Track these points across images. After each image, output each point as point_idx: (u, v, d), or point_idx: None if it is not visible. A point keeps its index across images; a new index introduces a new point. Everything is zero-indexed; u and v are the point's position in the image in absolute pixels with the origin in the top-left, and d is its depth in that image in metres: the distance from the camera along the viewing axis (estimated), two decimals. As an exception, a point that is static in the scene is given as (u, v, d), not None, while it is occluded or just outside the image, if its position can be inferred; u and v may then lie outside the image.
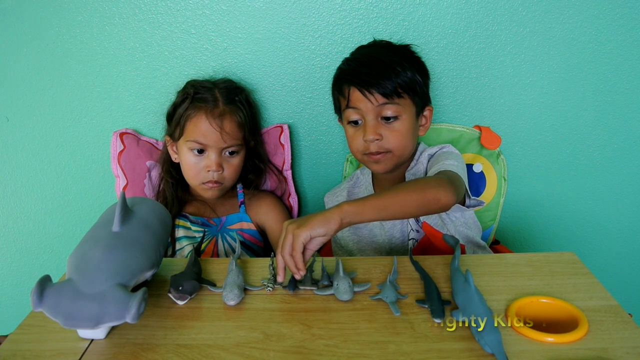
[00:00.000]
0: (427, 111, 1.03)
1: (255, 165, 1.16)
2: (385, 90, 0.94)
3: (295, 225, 0.74)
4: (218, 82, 1.10)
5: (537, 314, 0.69)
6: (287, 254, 0.74)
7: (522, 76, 1.13)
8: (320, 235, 0.74)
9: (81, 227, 1.31)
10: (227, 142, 1.04)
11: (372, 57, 0.99)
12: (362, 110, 0.97)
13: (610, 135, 1.18)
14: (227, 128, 1.04)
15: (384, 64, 0.96)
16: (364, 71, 0.96)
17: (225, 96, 1.06)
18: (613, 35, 1.09)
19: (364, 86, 0.95)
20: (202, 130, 1.03)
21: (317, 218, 0.74)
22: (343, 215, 0.75)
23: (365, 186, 1.11)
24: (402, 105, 0.96)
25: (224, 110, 1.04)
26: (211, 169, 1.04)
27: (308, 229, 0.73)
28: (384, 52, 1.00)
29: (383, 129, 0.97)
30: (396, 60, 0.97)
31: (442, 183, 0.81)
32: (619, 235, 1.30)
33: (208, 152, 1.05)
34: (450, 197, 0.80)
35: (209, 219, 1.14)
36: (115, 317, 0.63)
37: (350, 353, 0.64)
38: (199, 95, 1.06)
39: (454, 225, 1.01)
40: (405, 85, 0.95)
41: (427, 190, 0.79)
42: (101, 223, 0.75)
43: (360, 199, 0.78)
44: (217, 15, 1.10)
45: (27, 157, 1.25)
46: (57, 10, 1.11)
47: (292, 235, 0.74)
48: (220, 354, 0.64)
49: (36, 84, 1.18)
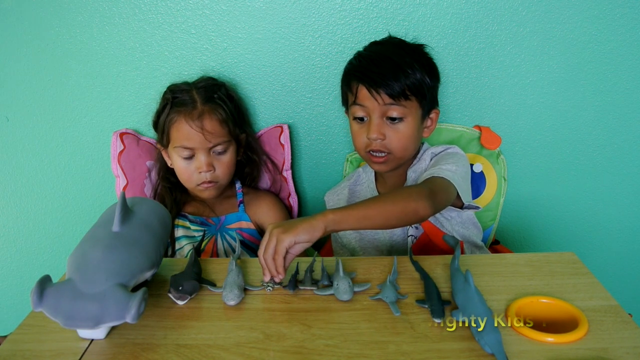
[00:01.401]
0: (434, 114, 1.03)
1: (250, 158, 1.16)
2: (392, 91, 0.94)
3: (280, 229, 0.75)
4: (197, 81, 1.10)
5: (537, 314, 0.69)
6: (270, 257, 0.75)
7: (522, 76, 1.13)
8: (304, 241, 0.75)
9: (81, 227, 1.31)
10: (212, 142, 1.03)
11: (384, 56, 0.98)
12: (368, 108, 0.97)
13: (610, 135, 1.18)
14: (208, 127, 1.03)
15: (394, 64, 0.95)
16: (374, 70, 0.96)
17: (203, 95, 1.05)
18: (613, 35, 1.09)
19: (372, 85, 0.95)
20: (185, 134, 1.03)
21: (303, 225, 0.75)
22: (327, 223, 0.76)
23: (368, 184, 1.11)
24: (408, 107, 0.96)
25: (202, 110, 1.04)
26: (202, 170, 1.04)
27: (293, 234, 0.74)
28: (396, 51, 0.99)
29: (387, 129, 0.97)
30: (407, 61, 0.96)
31: (421, 196, 0.82)
32: (619, 235, 1.30)
33: (196, 154, 1.04)
34: (427, 210, 0.82)
35: (207, 218, 1.14)
36: (115, 317, 0.63)
37: (350, 353, 0.64)
38: (177, 99, 1.05)
39: (450, 223, 1.02)
40: (413, 87, 0.95)
41: (408, 203, 0.81)
42: (101, 223, 0.75)
43: (345, 207, 0.80)
44: (217, 15, 1.10)
45: (27, 157, 1.25)
46: (57, 10, 1.11)
47: (276, 239, 0.74)
48: (220, 354, 0.65)
49: (36, 84, 1.18)
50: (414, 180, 1.03)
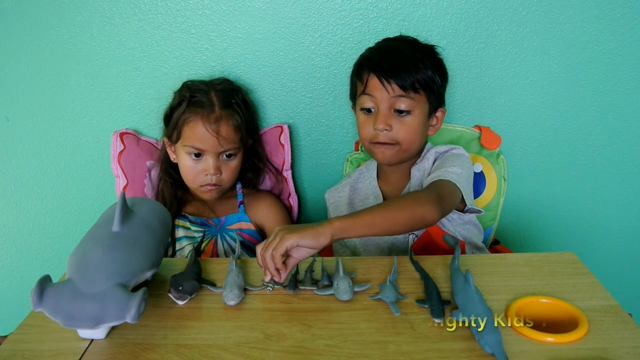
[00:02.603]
0: (440, 112, 1.03)
1: (254, 164, 1.16)
2: (403, 82, 0.95)
3: (286, 230, 0.74)
4: (215, 82, 1.10)
5: (537, 314, 0.69)
6: (268, 255, 0.74)
7: (522, 76, 1.13)
8: (308, 246, 0.74)
9: (81, 227, 1.31)
10: (224, 147, 1.04)
11: (397, 49, 1.00)
12: (377, 99, 0.97)
13: (610, 135, 1.18)
14: (224, 133, 1.03)
15: (406, 57, 0.97)
16: (387, 60, 0.97)
17: (222, 99, 1.05)
18: (613, 35, 1.09)
19: (383, 74, 0.95)
20: (199, 136, 1.03)
21: (309, 230, 0.74)
22: (334, 231, 0.75)
23: (369, 181, 1.11)
24: (416, 100, 0.97)
25: (220, 114, 1.04)
26: (209, 173, 1.05)
27: (298, 236, 0.73)
28: (409, 46, 1.01)
29: (394, 120, 0.97)
30: (419, 56, 0.97)
31: (429, 201, 0.82)
32: (619, 235, 1.30)
33: (205, 157, 1.04)
34: (435, 215, 0.81)
35: (207, 219, 1.14)
36: (115, 317, 0.63)
37: (350, 353, 0.64)
38: (195, 99, 1.05)
39: (452, 224, 1.02)
40: (423, 82, 0.96)
41: (415, 209, 0.80)
42: (101, 223, 0.75)
43: (351, 215, 0.79)
44: (217, 15, 1.10)
45: (27, 157, 1.25)
46: (57, 10, 1.11)
47: (279, 238, 0.73)
48: (220, 354, 0.64)
49: (36, 84, 1.18)
50: (418, 178, 1.03)
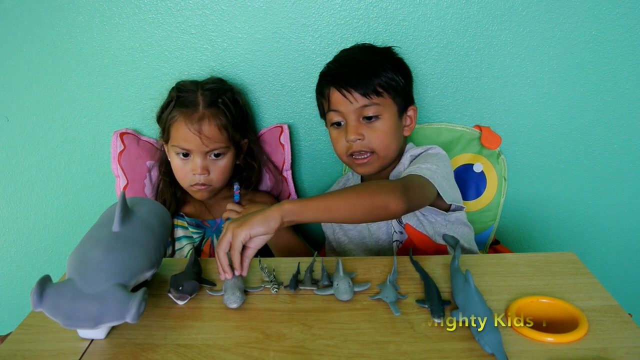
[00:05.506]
0: (411, 111, 1.02)
1: (248, 164, 1.16)
2: (364, 89, 0.94)
3: (236, 224, 0.73)
4: (206, 82, 1.09)
5: (537, 314, 0.69)
6: (222, 252, 0.73)
7: (522, 76, 1.13)
8: (261, 234, 0.73)
9: (81, 227, 1.31)
10: (208, 146, 1.03)
11: (352, 58, 1.00)
12: (343, 112, 0.97)
13: (610, 135, 1.18)
14: (206, 132, 1.02)
15: (363, 64, 0.96)
16: (344, 71, 0.97)
17: (208, 99, 1.04)
18: (613, 35, 1.09)
19: (342, 86, 0.95)
20: (182, 135, 1.03)
21: (258, 217, 0.73)
22: (284, 213, 0.73)
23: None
24: (382, 104, 0.96)
25: (202, 114, 1.03)
26: (196, 172, 1.04)
27: (248, 227, 0.72)
28: (364, 53, 1.01)
29: (365, 128, 0.97)
30: (376, 60, 0.97)
31: (394, 189, 0.78)
32: (619, 235, 1.30)
33: (193, 156, 1.04)
34: (399, 205, 0.77)
35: (203, 220, 1.14)
36: (115, 317, 0.63)
37: (350, 353, 0.64)
38: (181, 99, 1.05)
39: (433, 227, 0.99)
40: (385, 84, 0.96)
41: (376, 196, 0.77)
42: (101, 223, 0.75)
43: (304, 198, 0.78)
44: (217, 15, 1.10)
45: (27, 157, 1.25)
46: (57, 10, 1.11)
47: (231, 234, 0.73)
48: (220, 354, 0.64)
49: (36, 84, 1.18)
50: None
